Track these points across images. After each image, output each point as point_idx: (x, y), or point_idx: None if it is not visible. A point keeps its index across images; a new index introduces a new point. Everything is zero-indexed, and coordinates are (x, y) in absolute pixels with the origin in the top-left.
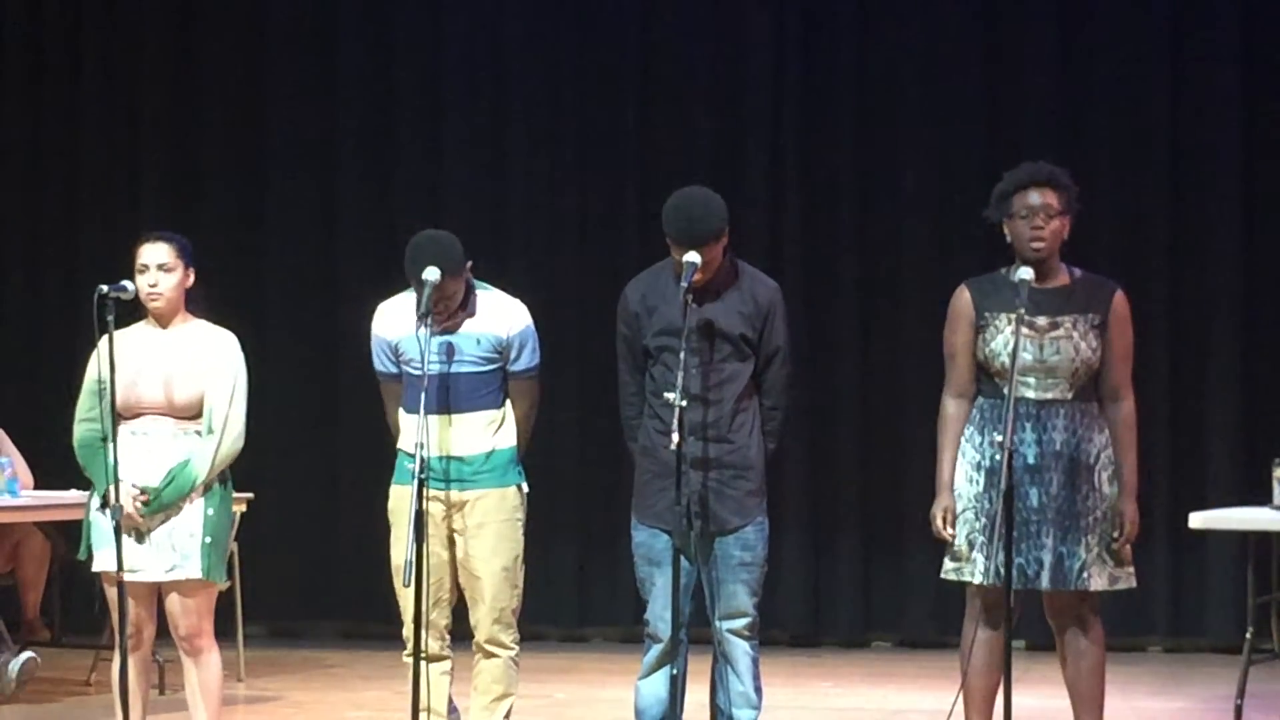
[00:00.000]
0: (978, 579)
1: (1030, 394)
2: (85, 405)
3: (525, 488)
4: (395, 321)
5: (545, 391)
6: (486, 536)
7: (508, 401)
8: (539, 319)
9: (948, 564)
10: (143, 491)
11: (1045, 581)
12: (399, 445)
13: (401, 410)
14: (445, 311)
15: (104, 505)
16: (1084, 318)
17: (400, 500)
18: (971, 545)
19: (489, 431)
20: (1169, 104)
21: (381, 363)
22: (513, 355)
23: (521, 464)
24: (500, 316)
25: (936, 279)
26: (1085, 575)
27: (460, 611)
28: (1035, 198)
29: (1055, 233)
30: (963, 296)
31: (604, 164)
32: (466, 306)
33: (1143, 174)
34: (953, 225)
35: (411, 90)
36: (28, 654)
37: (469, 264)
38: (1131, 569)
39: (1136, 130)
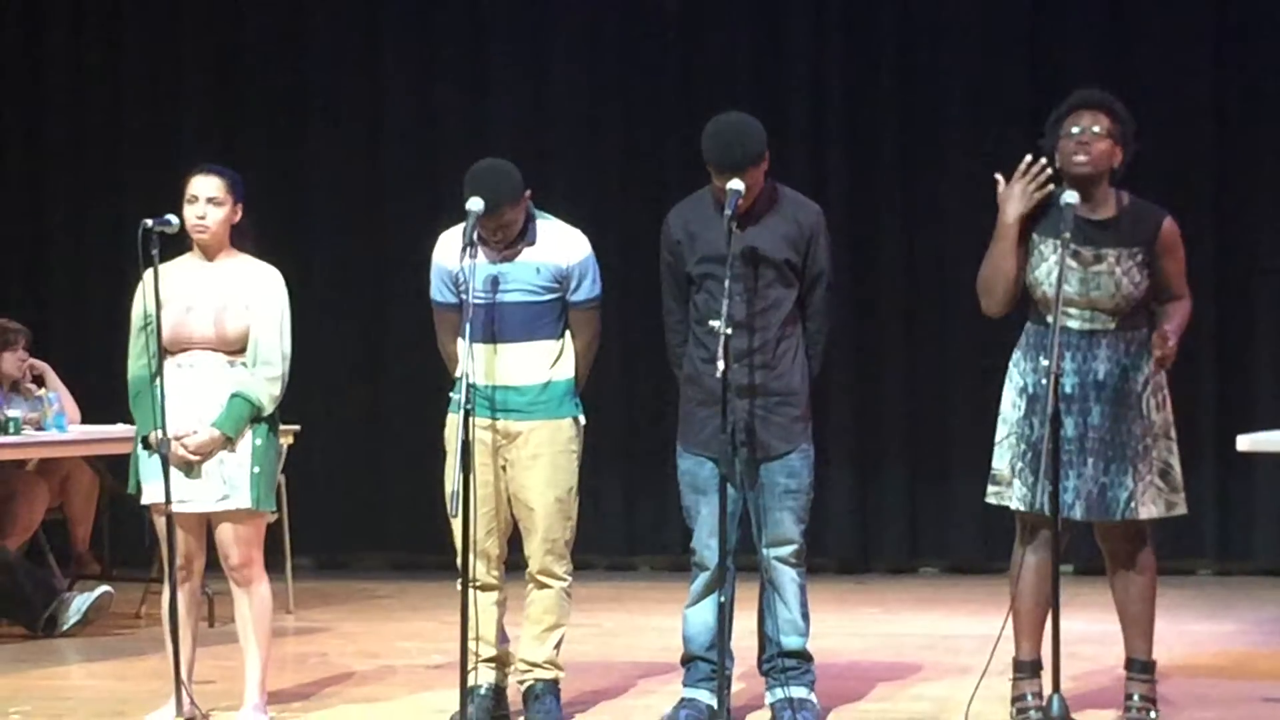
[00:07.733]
0: (1015, 504)
1: (1074, 324)
2: (136, 342)
3: (582, 420)
4: (457, 251)
5: None
6: (541, 467)
7: (567, 333)
8: None
9: (990, 488)
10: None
11: (1079, 512)
12: (456, 374)
13: (460, 340)
14: (504, 240)
15: (146, 447)
16: (1128, 251)
17: (454, 429)
18: (1013, 470)
19: (546, 362)
20: (1215, 28)
21: (440, 292)
22: (573, 285)
23: (579, 396)
24: (561, 246)
25: (982, 202)
26: (1133, 504)
27: (515, 542)
28: (1086, 118)
29: (1103, 154)
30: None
31: (646, 90)
32: (526, 235)
33: (1189, 95)
34: (999, 148)
35: (455, 23)
36: (103, 588)
37: (528, 192)
38: (1183, 494)
39: (1183, 51)
